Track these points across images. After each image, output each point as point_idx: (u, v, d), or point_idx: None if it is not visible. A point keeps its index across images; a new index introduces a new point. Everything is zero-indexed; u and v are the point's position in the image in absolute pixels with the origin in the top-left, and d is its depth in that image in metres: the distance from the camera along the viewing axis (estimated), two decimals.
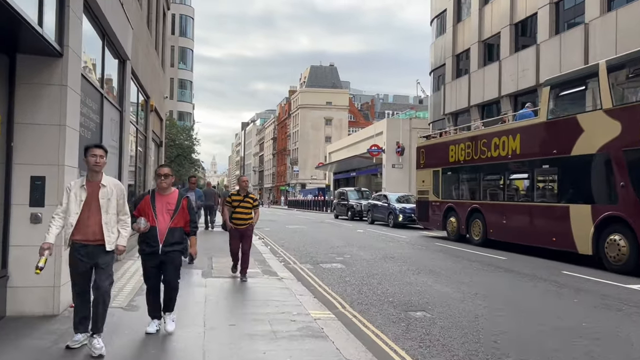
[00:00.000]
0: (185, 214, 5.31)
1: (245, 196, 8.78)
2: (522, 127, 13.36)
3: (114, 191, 4.69)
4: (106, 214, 4.61)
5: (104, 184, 4.68)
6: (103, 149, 4.77)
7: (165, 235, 5.15)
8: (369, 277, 9.58)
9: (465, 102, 29.99)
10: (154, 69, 15.38)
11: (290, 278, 9.06)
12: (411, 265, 11.17)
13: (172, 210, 5.22)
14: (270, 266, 10.34)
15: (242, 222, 8.74)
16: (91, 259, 4.56)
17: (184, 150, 35.68)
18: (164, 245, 5.14)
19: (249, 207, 8.76)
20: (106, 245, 4.59)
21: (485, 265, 11.30)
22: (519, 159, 13.30)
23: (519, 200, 13.67)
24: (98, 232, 4.57)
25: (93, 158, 4.66)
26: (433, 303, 7.46)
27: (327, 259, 12.14)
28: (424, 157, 18.59)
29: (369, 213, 26.73)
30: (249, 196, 8.81)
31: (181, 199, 5.31)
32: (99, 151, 4.72)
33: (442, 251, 13.80)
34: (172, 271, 5.32)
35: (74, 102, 6.22)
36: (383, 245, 15.08)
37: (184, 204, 5.31)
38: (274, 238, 17.28)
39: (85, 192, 4.61)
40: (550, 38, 23.10)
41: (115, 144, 9.63)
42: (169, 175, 5.23)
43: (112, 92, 9.69)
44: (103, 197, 4.62)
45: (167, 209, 5.21)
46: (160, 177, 5.26)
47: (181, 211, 5.27)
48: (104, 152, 4.75)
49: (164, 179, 5.24)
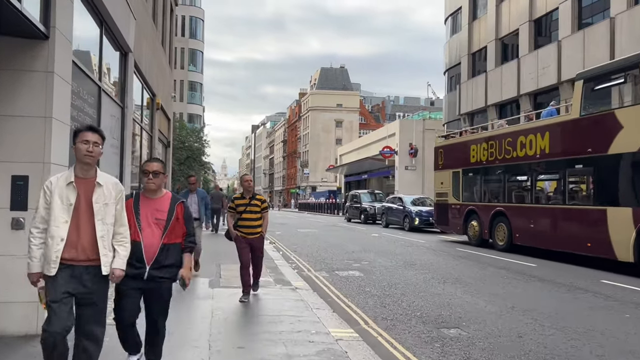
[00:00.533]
0: (181, 224, 3.89)
1: (252, 199, 7.29)
2: (551, 124, 12.48)
3: (113, 194, 3.47)
4: (102, 224, 3.38)
5: (99, 183, 3.43)
6: (99, 134, 3.47)
7: (155, 254, 3.72)
8: (391, 287, 8.76)
9: (482, 101, 29.04)
10: (161, 66, 14.70)
11: (305, 288, 8.26)
12: (435, 273, 10.33)
13: (163, 220, 3.80)
14: (283, 274, 9.57)
15: (251, 230, 7.23)
16: (77, 287, 3.33)
17: (193, 153, 35.07)
18: (153, 267, 3.70)
19: (257, 212, 7.28)
20: (102, 268, 3.37)
21: (516, 273, 10.43)
22: (549, 158, 12.41)
23: (548, 202, 12.78)
24: (90, 249, 3.35)
25: (84, 145, 3.36)
26: (467, 318, 6.63)
27: (343, 265, 11.34)
28: (442, 158, 17.74)
29: (383, 216, 25.88)
30: (255, 198, 7.31)
31: (175, 205, 3.87)
32: (93, 136, 3.41)
33: (466, 257, 12.93)
34: (160, 308, 3.90)
35: (63, 91, 5.48)
36: (402, 251, 14.24)
37: (179, 212, 3.88)
38: (286, 243, 16.51)
39: (74, 193, 3.37)
40: (573, 34, 22.13)
41: (116, 143, 8.91)
42: (159, 173, 3.81)
43: (113, 86, 8.98)
44: (98, 200, 3.39)
45: (155, 218, 3.78)
46: (148, 175, 3.83)
47: (175, 222, 3.84)
48: (99, 138, 3.46)
49: (153, 178, 3.81)
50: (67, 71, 5.64)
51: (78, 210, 3.36)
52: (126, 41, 8.82)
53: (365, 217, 28.48)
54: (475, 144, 15.65)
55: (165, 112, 16.55)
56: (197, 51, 59.38)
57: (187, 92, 58.48)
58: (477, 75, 30.26)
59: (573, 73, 22.24)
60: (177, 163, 33.27)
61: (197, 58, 59.78)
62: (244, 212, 7.24)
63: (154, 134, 13.65)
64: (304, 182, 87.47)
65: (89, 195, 3.40)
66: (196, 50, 59.36)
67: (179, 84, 57.06)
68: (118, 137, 9.07)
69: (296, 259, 12.46)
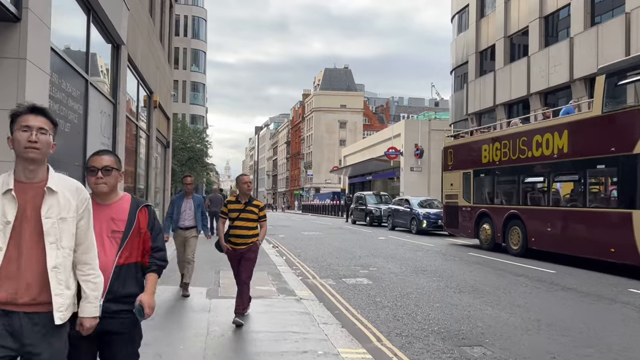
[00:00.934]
0: (144, 237, 2.76)
1: (248, 204, 6.10)
2: (570, 122, 11.80)
3: (73, 204, 2.34)
4: (56, 249, 2.28)
5: (52, 189, 2.30)
6: (45, 115, 2.34)
7: (109, 280, 2.59)
8: (403, 297, 8.10)
9: (490, 101, 28.35)
10: (159, 63, 14.10)
11: (310, 298, 7.62)
12: (449, 280, 9.67)
13: (120, 233, 2.67)
14: (286, 282, 8.92)
15: (242, 240, 6.05)
16: (17, 343, 2.22)
17: (195, 154, 34.47)
18: (108, 298, 2.57)
19: (252, 220, 6.10)
20: (55, 315, 2.25)
21: (535, 280, 9.75)
22: (567, 158, 11.73)
23: (567, 205, 12.09)
24: (37, 286, 2.24)
25: (25, 133, 2.25)
26: (490, 334, 5.97)
27: (350, 272, 10.69)
28: (452, 158, 17.07)
29: (389, 218, 25.20)
30: (252, 204, 6.11)
31: (137, 211, 2.73)
32: (36, 119, 2.28)
33: (479, 263, 12.25)
34: (126, 354, 2.70)
35: (38, 81, 4.87)
36: (411, 256, 13.58)
37: (142, 220, 2.75)
38: (290, 246, 15.87)
39: (13, 206, 2.24)
40: (586, 30, 21.43)
41: (107, 141, 8.30)
42: (111, 170, 2.66)
43: (104, 81, 8.37)
44: (50, 213, 2.28)
45: (111, 230, 2.66)
46: (96, 173, 2.64)
47: (136, 234, 2.71)
48: (47, 123, 2.33)
49: (104, 176, 2.64)
50: (44, 59, 5.03)
51: (19, 231, 2.23)
52: (118, 32, 8.21)
53: (371, 220, 27.81)
54: (487, 144, 14.97)
55: (164, 111, 15.96)
56: (199, 51, 58.85)
57: (190, 93, 57.96)
58: (485, 74, 29.58)
59: (586, 71, 21.65)
60: (179, 164, 32.69)
61: (199, 58, 59.25)
62: (236, 219, 6.04)
63: (152, 133, 13.05)
64: (308, 183, 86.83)
65: (36, 208, 2.27)
66: (199, 50, 58.82)
67: (181, 84, 56.55)
68: (110, 135, 8.46)
69: (300, 264, 11.82)
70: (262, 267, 10.48)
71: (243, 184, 6.23)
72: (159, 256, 2.82)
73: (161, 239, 2.85)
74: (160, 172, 16.66)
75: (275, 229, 24.94)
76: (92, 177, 2.66)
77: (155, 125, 13.54)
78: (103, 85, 8.25)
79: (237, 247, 6.08)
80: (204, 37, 60.08)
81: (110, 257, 2.63)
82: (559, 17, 24.14)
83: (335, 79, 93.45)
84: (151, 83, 12.60)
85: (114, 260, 2.63)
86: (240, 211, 6.06)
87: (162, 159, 17.12)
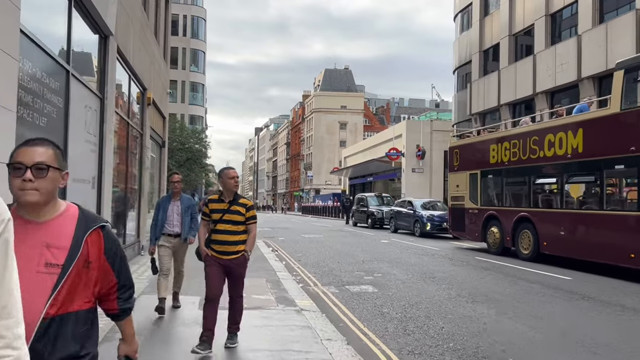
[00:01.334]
0: (99, 271, 1.87)
1: (233, 202, 5.01)
2: (586, 120, 11.20)
3: None
4: None
5: None
6: None
7: (33, 334, 1.66)
8: (412, 307, 7.50)
9: (494, 100, 27.76)
10: (153, 59, 13.51)
11: (312, 309, 7.01)
12: (459, 288, 9.06)
13: (59, 267, 1.75)
14: (286, 290, 8.32)
15: (227, 248, 4.96)
16: None
17: (193, 154, 33.87)
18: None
19: (238, 223, 4.99)
20: None
21: (552, 288, 9.14)
22: (582, 158, 11.12)
23: (582, 208, 11.48)
24: None
25: None
26: (513, 351, 5.37)
27: (353, 278, 10.09)
28: (458, 159, 16.46)
29: (391, 221, 24.58)
30: (238, 202, 5.02)
31: (85, 235, 1.82)
32: None
33: (489, 268, 11.65)
34: None
35: (6, 68, 4.28)
36: (416, 260, 12.97)
37: (92, 247, 1.84)
38: (289, 250, 15.26)
39: None
40: (594, 27, 20.84)
41: (93, 138, 7.71)
42: (46, 169, 1.76)
43: (90, 74, 7.78)
44: None
45: (44, 262, 1.74)
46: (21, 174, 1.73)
47: (83, 266, 1.81)
48: None
49: (35, 179, 1.74)
50: (12, 43, 4.43)
51: None
52: (105, 21, 7.62)
53: (373, 222, 27.19)
54: (495, 144, 14.37)
55: (159, 110, 15.37)
56: (199, 51, 58.30)
57: (189, 93, 57.40)
58: (488, 74, 28.99)
59: (594, 69, 21.08)
60: (177, 165, 32.08)
61: (198, 58, 58.69)
62: (219, 222, 4.97)
63: (145, 131, 12.45)
64: (308, 184, 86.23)
65: None
66: (198, 50, 58.27)
67: (180, 84, 55.99)
68: (96, 132, 7.86)
69: (301, 270, 11.22)
70: (260, 274, 9.88)
71: (229, 179, 5.01)
72: (128, 296, 2.01)
73: (127, 273, 2.00)
74: (156, 173, 16.07)
75: (274, 232, 24.34)
76: (16, 179, 1.74)
77: (149, 123, 12.94)
78: (89, 78, 7.66)
79: (221, 256, 4.95)
80: (203, 37, 59.53)
81: (37, 305, 1.69)
82: (566, 15, 23.55)
83: (336, 80, 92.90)
84: (145, 79, 12.02)
85: (42, 309, 1.70)
86: (224, 211, 4.96)
87: (158, 159, 16.53)
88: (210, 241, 5.06)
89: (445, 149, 38.51)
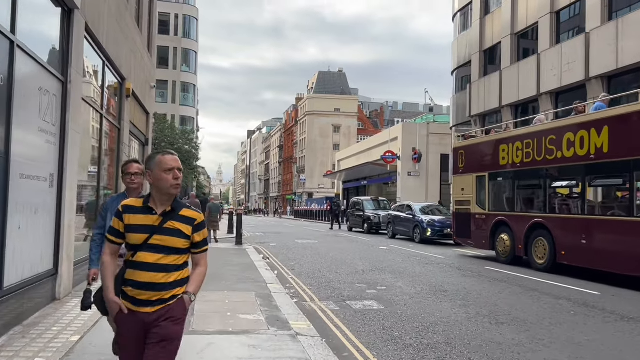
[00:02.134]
0: None
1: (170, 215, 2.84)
2: (613, 116, 10.11)
3: None
4: None
5: None
6: None
7: None
8: (428, 331, 6.34)
9: (495, 102, 26.75)
10: (134, 47, 12.30)
11: (309, 334, 5.83)
12: (477, 305, 7.91)
13: None
14: (278, 307, 7.14)
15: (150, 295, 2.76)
16: None
17: (182, 155, 32.59)
18: None
19: (177, 251, 2.82)
20: None
21: (581, 305, 8.02)
22: (608, 159, 10.04)
23: (607, 213, 10.39)
24: None
25: None
26: None
27: (354, 292, 8.92)
28: (463, 160, 15.36)
29: (389, 226, 23.44)
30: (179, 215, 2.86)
31: None
32: None
33: (504, 280, 10.51)
34: None
35: None
36: (421, 270, 11.83)
37: None
38: (282, 257, 14.08)
39: None
40: (603, 25, 19.87)
41: (51, 128, 6.50)
42: None
43: (46, 50, 6.59)
44: None
45: None
46: None
47: None
48: None
49: None
50: None
51: None
52: None
53: (369, 227, 26.03)
54: (506, 143, 13.28)
55: (142, 104, 14.15)
56: (190, 51, 57.07)
57: (180, 94, 56.13)
58: (489, 74, 28.00)
59: (603, 68, 20.06)
60: None
61: (190, 58, 57.46)
62: (142, 248, 2.79)
63: (123, 126, 11.23)
64: (300, 188, 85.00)
65: None
66: (189, 50, 57.05)
67: (170, 84, 54.73)
68: (55, 120, 6.65)
69: (295, 281, 10.04)
70: (248, 286, 8.72)
71: (164, 173, 2.80)
72: None
73: None
74: None
75: (266, 237, 23.15)
76: None
77: (128, 117, 11.73)
78: (48, 57, 6.46)
79: (140, 308, 2.76)
80: (195, 36, 58.32)
81: None
82: (573, 12, 22.60)
83: (330, 82, 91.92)
84: (123, 68, 10.81)
85: None
86: (152, 230, 2.79)
87: (141, 158, 15.29)
88: (124, 281, 2.79)
89: (442, 152, 37.76)
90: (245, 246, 16.44)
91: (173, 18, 55.31)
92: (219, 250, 14.94)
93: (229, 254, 14.03)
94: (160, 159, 2.84)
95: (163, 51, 53.36)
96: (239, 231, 17.12)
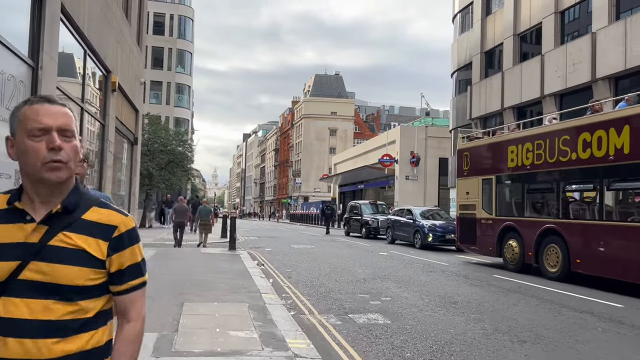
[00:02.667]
0: None
1: (57, 218, 1.44)
2: (632, 115, 9.43)
3: None
4: None
5: None
6: None
7: None
8: (444, 351, 5.59)
9: (497, 104, 26.11)
10: (121, 38, 11.54)
11: (309, 355, 5.07)
12: (493, 320, 7.17)
13: None
14: (274, 322, 6.37)
15: None
16: None
17: (176, 157, 31.72)
18: None
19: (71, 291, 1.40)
20: None
21: (607, 320, 7.29)
22: (630, 160, 9.34)
23: (628, 219, 9.68)
24: None
25: None
26: None
27: (357, 303, 8.17)
28: (468, 163, 14.65)
29: (388, 230, 22.69)
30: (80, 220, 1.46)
31: None
32: None
33: (517, 290, 9.77)
34: None
35: None
36: (426, 279, 11.08)
37: None
38: (278, 264, 13.30)
39: None
40: (610, 24, 19.27)
41: None
42: None
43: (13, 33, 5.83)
44: None
45: None
46: None
47: None
48: None
49: None
50: None
51: None
52: None
53: (367, 231, 25.26)
54: (515, 145, 12.57)
55: (130, 101, 13.38)
56: (185, 52, 56.25)
57: (174, 95, 55.26)
58: (491, 76, 27.38)
59: (611, 69, 19.42)
60: (158, 168, 29.97)
61: (185, 59, 56.64)
62: (6, 289, 1.37)
63: (108, 122, 10.45)
64: (296, 192, 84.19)
65: None
66: (185, 51, 56.22)
67: (165, 85, 53.90)
68: None
69: (292, 290, 9.27)
70: (241, 297, 7.94)
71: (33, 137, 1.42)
72: None
73: None
74: (126, 173, 14.06)
75: (261, 241, 22.36)
76: None
77: (114, 113, 10.95)
78: (12, 36, 5.70)
79: None
80: (191, 37, 57.52)
81: None
82: (578, 12, 22.01)
83: (326, 86, 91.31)
84: (108, 59, 10.05)
85: None
86: (26, 253, 1.40)
87: (129, 158, 14.52)
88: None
89: (440, 156, 37.13)
90: (238, 251, 15.64)
91: (168, 18, 54.53)
92: (210, 256, 14.16)
93: (221, 259, 13.24)
94: (25, 111, 1.46)
95: (158, 52, 52.60)
96: (232, 235, 16.33)
